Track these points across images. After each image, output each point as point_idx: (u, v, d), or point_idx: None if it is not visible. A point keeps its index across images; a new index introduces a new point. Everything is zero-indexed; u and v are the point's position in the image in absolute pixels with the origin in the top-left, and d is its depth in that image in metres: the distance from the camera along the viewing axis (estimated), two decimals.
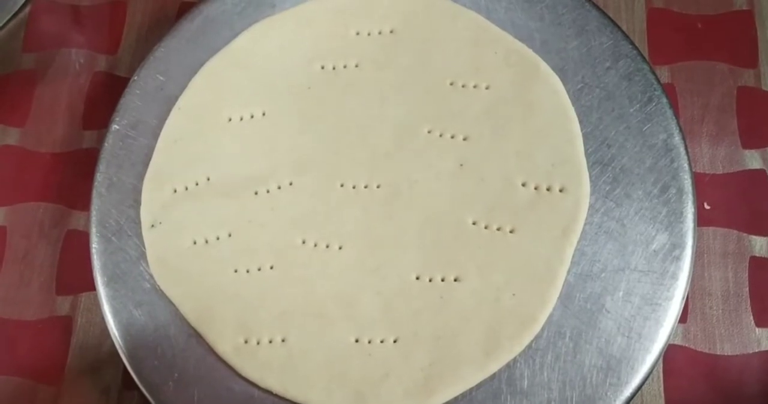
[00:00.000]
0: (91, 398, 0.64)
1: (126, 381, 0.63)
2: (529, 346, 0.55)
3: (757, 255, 0.62)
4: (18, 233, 0.69)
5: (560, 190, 0.58)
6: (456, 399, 0.54)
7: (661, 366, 0.60)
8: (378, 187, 0.60)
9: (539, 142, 0.59)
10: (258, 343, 0.57)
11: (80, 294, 0.67)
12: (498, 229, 0.57)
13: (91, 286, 0.61)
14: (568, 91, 0.61)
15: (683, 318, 0.60)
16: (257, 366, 0.56)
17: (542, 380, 0.54)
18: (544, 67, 0.61)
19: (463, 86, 0.62)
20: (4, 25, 0.76)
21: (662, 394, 0.59)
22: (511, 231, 0.57)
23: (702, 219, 0.61)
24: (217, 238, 0.60)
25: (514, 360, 0.55)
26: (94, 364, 0.65)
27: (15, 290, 0.68)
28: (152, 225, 0.61)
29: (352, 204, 0.59)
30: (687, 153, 0.59)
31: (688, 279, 0.56)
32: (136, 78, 0.65)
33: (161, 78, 0.65)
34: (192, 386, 0.57)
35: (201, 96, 0.64)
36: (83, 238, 0.65)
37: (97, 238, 0.61)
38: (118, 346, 0.59)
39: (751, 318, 0.61)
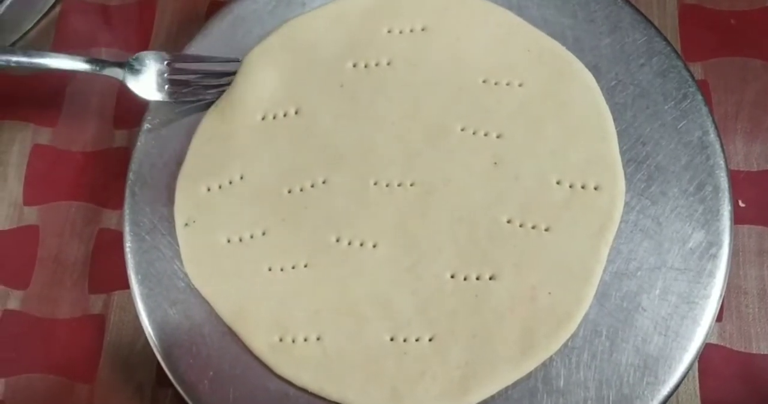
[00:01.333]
0: (125, 395, 0.64)
1: (159, 378, 0.63)
2: (565, 345, 0.55)
3: None
4: (50, 232, 0.70)
5: (595, 188, 0.58)
6: (492, 397, 0.54)
7: (697, 365, 0.59)
8: (411, 184, 0.59)
9: (573, 139, 0.59)
10: (293, 341, 0.57)
11: (113, 292, 0.67)
12: (533, 227, 0.57)
13: (124, 285, 0.62)
14: (601, 89, 0.60)
15: (719, 316, 0.59)
16: (292, 365, 0.56)
17: (578, 379, 0.54)
18: (578, 65, 0.61)
19: (495, 84, 0.61)
20: (35, 25, 0.76)
21: (698, 394, 0.59)
22: (546, 230, 0.57)
23: (737, 217, 0.60)
24: (251, 237, 0.60)
25: (551, 358, 0.55)
26: (128, 362, 0.65)
27: (48, 289, 0.68)
28: (186, 224, 0.61)
29: (386, 202, 0.59)
30: (723, 150, 0.58)
31: (725, 277, 0.56)
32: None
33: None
34: (227, 384, 0.57)
35: (233, 94, 0.64)
36: (115, 237, 0.65)
37: (130, 237, 0.62)
38: (153, 345, 0.59)
39: None
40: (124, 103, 0.73)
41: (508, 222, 0.57)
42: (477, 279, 0.56)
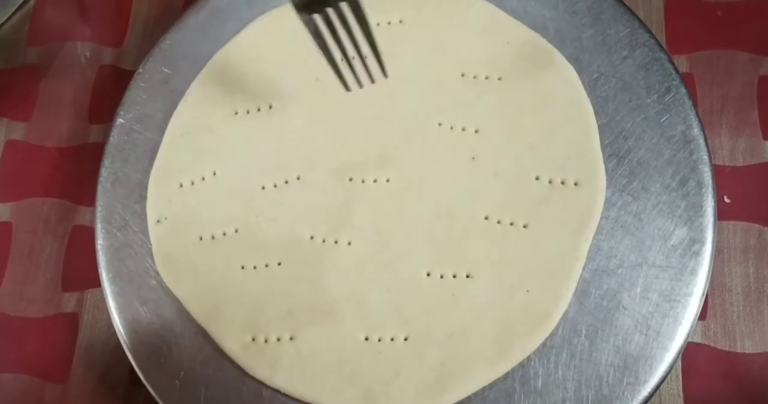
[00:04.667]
0: (98, 395, 0.63)
1: (133, 378, 0.62)
2: (543, 344, 0.54)
3: None
4: (23, 229, 0.69)
5: (575, 184, 0.56)
6: (469, 398, 0.53)
7: (680, 364, 0.58)
8: (387, 181, 0.58)
9: (553, 134, 0.58)
10: (266, 341, 0.56)
11: (86, 290, 0.66)
12: (511, 224, 0.56)
13: (98, 283, 0.61)
14: (583, 82, 0.59)
15: (702, 315, 0.59)
16: (265, 365, 0.55)
17: (557, 379, 0.53)
18: (559, 57, 0.60)
19: (474, 77, 0.60)
20: (9, 18, 0.75)
21: (681, 393, 0.58)
22: (524, 226, 0.56)
23: (722, 213, 0.59)
24: (224, 234, 0.59)
25: (528, 358, 0.53)
26: (101, 361, 0.64)
27: (21, 287, 0.67)
28: (158, 221, 0.60)
29: (361, 198, 0.58)
30: (706, 145, 0.57)
31: (708, 275, 0.55)
32: (141, 71, 0.65)
33: (167, 70, 0.64)
34: (199, 384, 0.56)
35: (208, 89, 0.63)
36: (89, 234, 0.64)
37: (102, 234, 0.61)
38: (124, 344, 0.58)
39: None
40: (99, 97, 0.72)
41: (486, 218, 0.56)
42: (453, 277, 0.55)
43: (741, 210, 0.62)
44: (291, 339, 0.55)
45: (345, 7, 0.51)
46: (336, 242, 0.57)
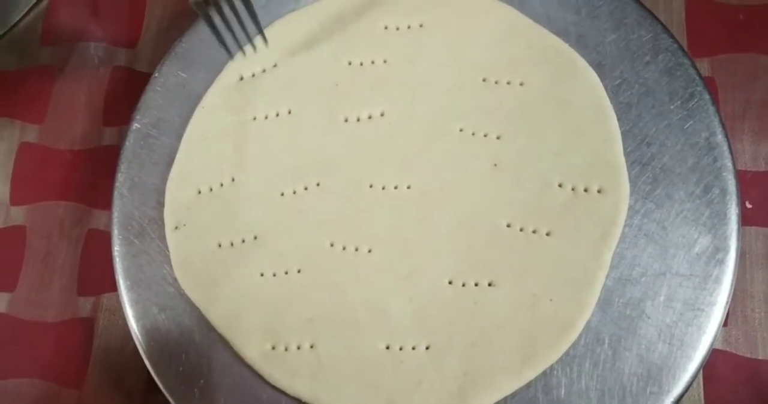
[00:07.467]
0: (114, 401, 0.63)
1: (150, 384, 0.61)
2: (566, 353, 0.53)
3: None
4: (38, 233, 0.68)
5: (598, 191, 0.56)
6: None
7: (702, 371, 0.58)
8: (408, 187, 0.58)
9: (576, 140, 0.57)
10: (286, 350, 0.55)
11: (102, 295, 0.65)
12: (534, 232, 0.55)
13: (114, 287, 0.60)
14: (605, 87, 0.59)
15: (724, 321, 0.58)
16: (285, 373, 0.55)
17: (580, 388, 0.53)
18: (581, 62, 0.59)
19: (496, 82, 0.60)
20: (22, 18, 0.74)
21: (702, 400, 0.57)
22: (547, 234, 0.55)
23: (744, 219, 0.58)
24: (243, 241, 0.58)
25: (551, 367, 0.53)
26: (117, 367, 0.63)
27: (36, 291, 0.67)
28: (176, 227, 0.59)
29: (382, 205, 0.57)
30: (730, 152, 0.57)
31: (732, 283, 0.54)
32: (157, 74, 0.64)
33: (183, 75, 0.64)
34: (218, 393, 0.56)
35: (225, 94, 0.62)
36: (105, 238, 0.64)
37: (119, 241, 0.60)
38: (141, 352, 0.58)
39: None
40: (113, 99, 0.71)
41: (508, 226, 0.56)
42: (476, 285, 0.55)
43: (763, 216, 0.61)
44: (311, 347, 0.55)
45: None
46: (356, 250, 0.57)
